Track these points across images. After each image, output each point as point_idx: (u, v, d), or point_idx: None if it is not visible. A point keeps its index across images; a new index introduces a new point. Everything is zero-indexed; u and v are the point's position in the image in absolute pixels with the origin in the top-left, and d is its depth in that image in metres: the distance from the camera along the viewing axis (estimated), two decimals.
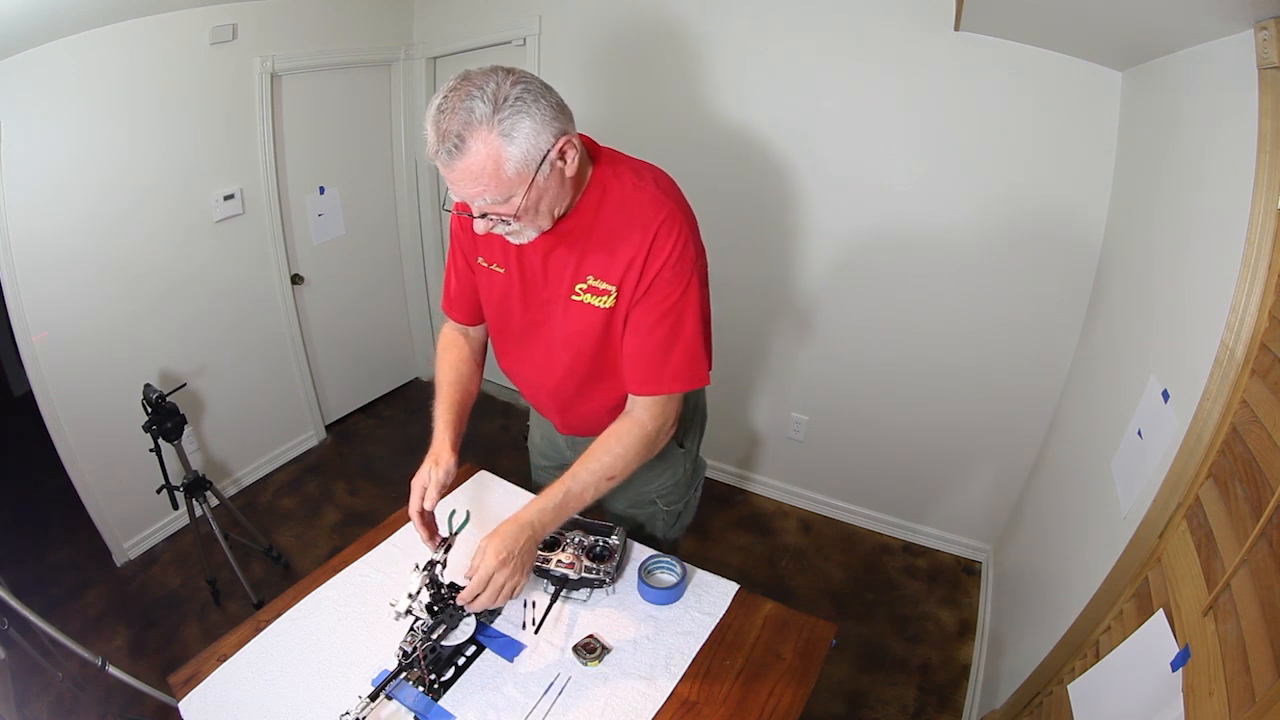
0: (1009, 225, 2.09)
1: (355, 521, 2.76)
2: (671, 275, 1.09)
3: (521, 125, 0.94)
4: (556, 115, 0.97)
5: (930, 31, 1.98)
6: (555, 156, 0.99)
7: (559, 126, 0.98)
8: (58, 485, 2.40)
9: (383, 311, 3.54)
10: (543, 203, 1.04)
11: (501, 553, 1.07)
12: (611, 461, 1.17)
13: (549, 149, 0.97)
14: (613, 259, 1.11)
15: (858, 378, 2.53)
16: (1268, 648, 0.75)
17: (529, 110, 0.94)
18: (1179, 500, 1.06)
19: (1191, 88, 1.37)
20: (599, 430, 1.30)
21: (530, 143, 0.95)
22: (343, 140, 3.05)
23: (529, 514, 1.12)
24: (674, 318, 1.12)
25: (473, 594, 1.07)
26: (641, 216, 1.08)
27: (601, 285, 1.13)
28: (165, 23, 2.27)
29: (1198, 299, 1.19)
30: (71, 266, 2.24)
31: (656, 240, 1.07)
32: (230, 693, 1.13)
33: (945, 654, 2.19)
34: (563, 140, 0.98)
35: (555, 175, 1.01)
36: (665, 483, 1.48)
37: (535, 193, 1.00)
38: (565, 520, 1.17)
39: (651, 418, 1.18)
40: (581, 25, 2.60)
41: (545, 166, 0.98)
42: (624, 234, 1.09)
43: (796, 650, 1.19)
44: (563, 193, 1.05)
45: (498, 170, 0.95)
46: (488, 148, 0.94)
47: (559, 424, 1.43)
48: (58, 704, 1.97)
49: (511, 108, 0.93)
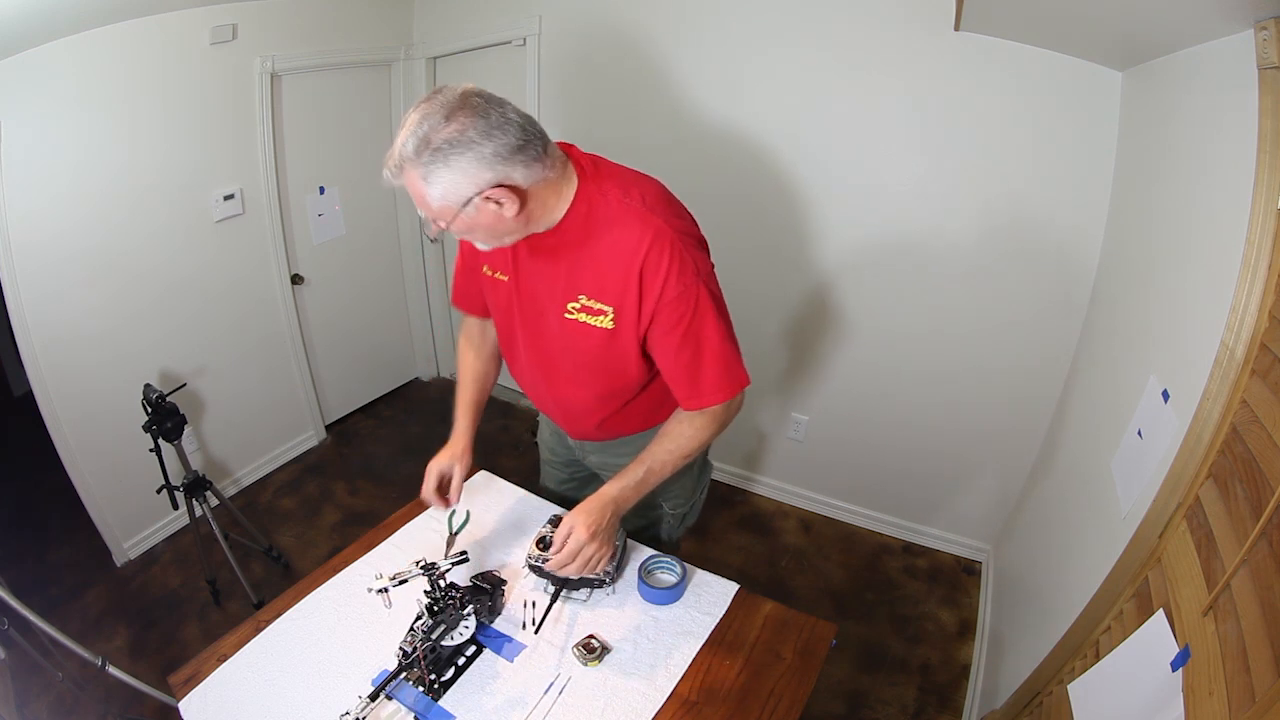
0: (1009, 225, 2.09)
1: (355, 521, 2.76)
2: (676, 295, 1.08)
3: (438, 173, 0.95)
4: (494, 164, 0.96)
5: (930, 32, 1.98)
6: (480, 201, 0.98)
7: (492, 176, 0.96)
8: (58, 485, 2.40)
9: (383, 311, 3.54)
10: (478, 232, 1.05)
11: (592, 527, 1.14)
12: (685, 442, 1.21)
13: (472, 195, 0.97)
14: (604, 280, 1.11)
15: (858, 377, 2.53)
16: (1268, 648, 0.75)
17: (449, 162, 0.94)
18: (1179, 500, 1.06)
19: (1191, 88, 1.37)
20: (608, 437, 1.38)
21: (447, 188, 0.96)
22: (343, 140, 3.05)
23: (613, 490, 1.18)
24: (694, 335, 1.12)
25: (561, 565, 1.14)
26: (628, 238, 1.07)
27: (596, 305, 1.13)
28: (165, 23, 2.27)
29: (1198, 299, 1.19)
30: (71, 267, 2.24)
31: (647, 263, 1.06)
32: (230, 693, 1.13)
33: (945, 654, 2.19)
34: (490, 190, 0.97)
35: (488, 213, 1.00)
36: (671, 488, 1.48)
37: (463, 224, 1.01)
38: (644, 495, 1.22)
39: (720, 406, 1.20)
40: (581, 25, 2.60)
41: (470, 207, 0.98)
42: (612, 255, 1.08)
43: (796, 650, 1.19)
44: (504, 226, 1.04)
45: (424, 200, 0.99)
46: (412, 182, 0.97)
47: (569, 431, 1.45)
48: (58, 704, 1.97)
49: (432, 155, 0.94)
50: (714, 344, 1.13)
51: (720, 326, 1.13)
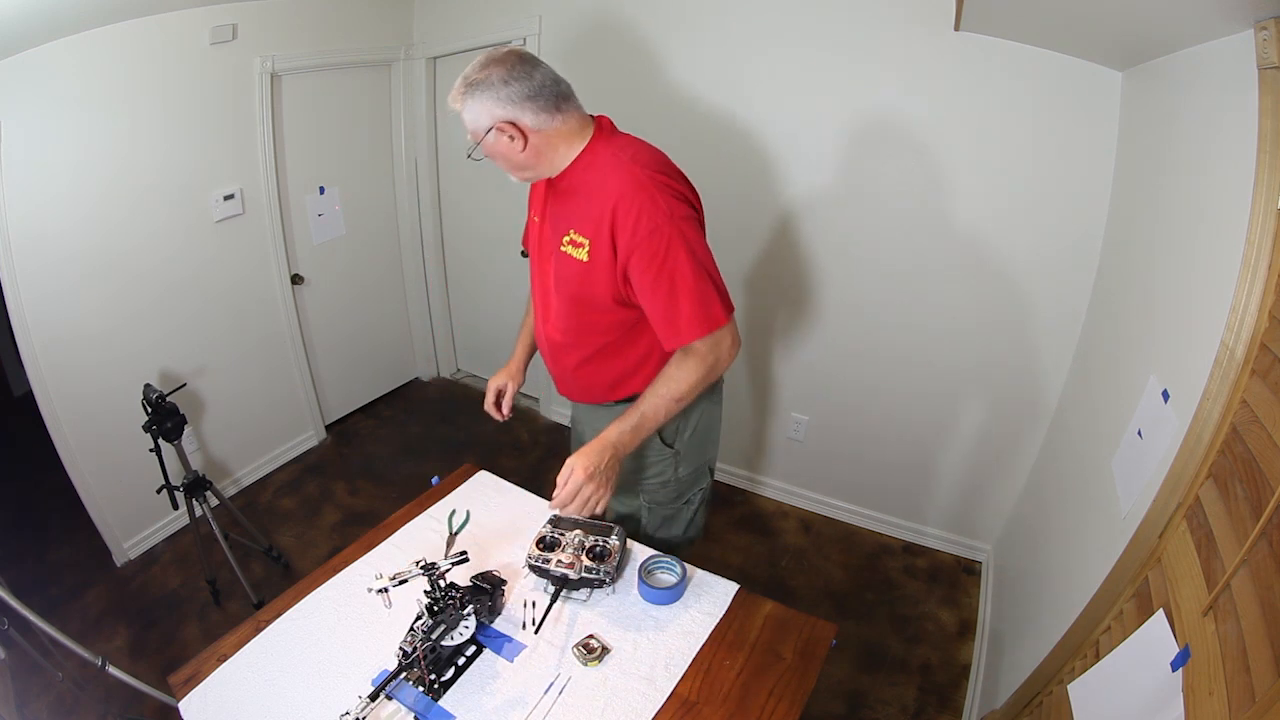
0: (1009, 225, 2.09)
1: (355, 521, 2.76)
2: (648, 233, 1.19)
3: (468, 103, 1.21)
4: (506, 104, 1.20)
5: (930, 32, 1.98)
6: (495, 131, 1.22)
7: (502, 113, 1.20)
8: (58, 485, 2.40)
9: (383, 311, 3.54)
10: (497, 158, 1.27)
11: (590, 468, 1.22)
12: (676, 386, 1.28)
13: (489, 125, 1.21)
14: (586, 217, 1.26)
15: (858, 377, 2.53)
16: (1268, 648, 0.75)
17: (475, 95, 1.20)
18: (1179, 500, 1.06)
19: (1191, 88, 1.37)
20: (588, 398, 1.51)
21: (474, 115, 1.22)
22: (343, 140, 3.05)
23: (611, 434, 1.27)
24: (668, 273, 1.20)
25: (562, 504, 1.24)
26: (610, 183, 1.22)
27: (579, 239, 1.28)
28: (165, 23, 2.28)
29: (1198, 299, 1.19)
30: (71, 267, 2.24)
31: (620, 203, 1.20)
32: (230, 693, 1.13)
33: (945, 654, 2.19)
34: (502, 123, 1.21)
35: (503, 143, 1.23)
36: (650, 476, 1.52)
37: (487, 149, 1.25)
38: (643, 440, 1.31)
39: (703, 346, 1.27)
40: (581, 25, 2.60)
41: (490, 135, 1.22)
42: (597, 197, 1.24)
43: (796, 650, 1.19)
44: (516, 159, 1.25)
45: (464, 122, 1.24)
46: (455, 107, 1.24)
47: (557, 381, 1.55)
48: (58, 704, 1.97)
49: (467, 89, 1.20)
50: (688, 282, 1.21)
51: (695, 268, 1.21)
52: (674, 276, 1.20)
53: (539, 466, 3.08)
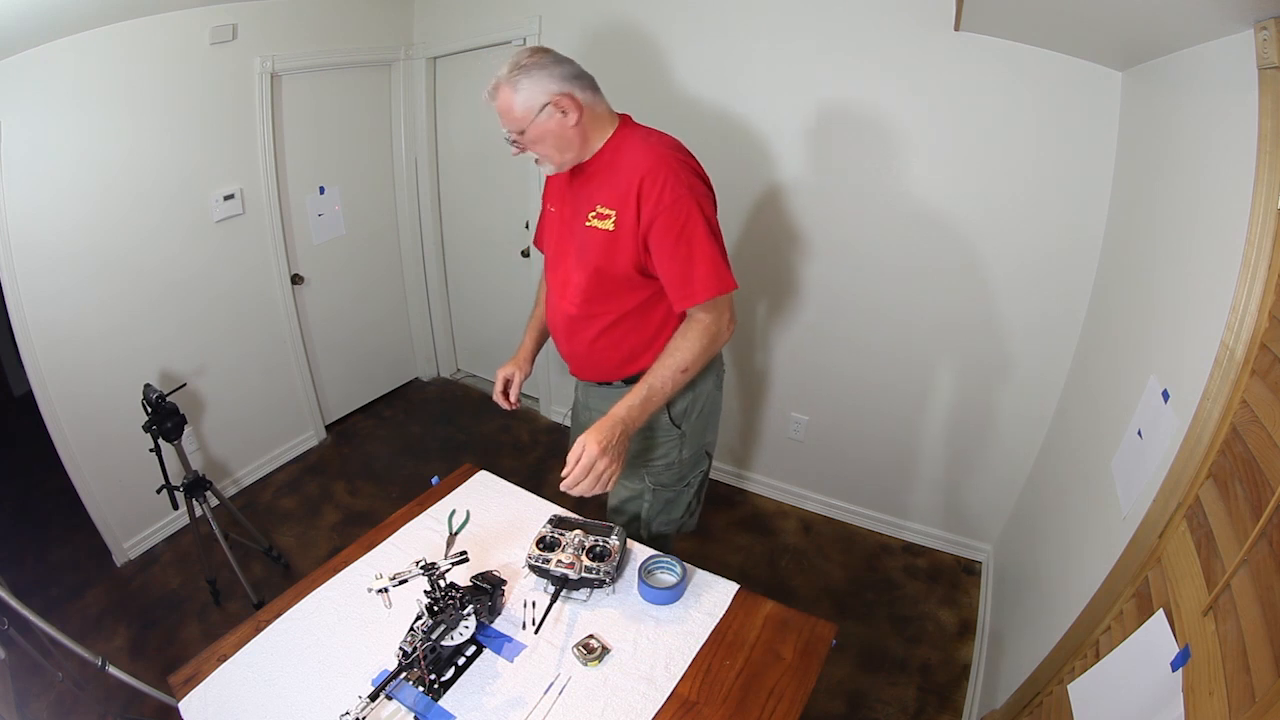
0: (1009, 225, 2.09)
1: (355, 521, 2.76)
2: (671, 202, 1.28)
3: (522, 83, 1.28)
4: (560, 81, 1.29)
5: (930, 31, 1.98)
6: (553, 107, 1.29)
7: (559, 88, 1.29)
8: (58, 485, 2.40)
9: (383, 311, 3.54)
10: (548, 140, 1.33)
11: (603, 442, 1.24)
12: (682, 356, 1.34)
13: (546, 100, 1.29)
14: (614, 191, 1.34)
15: (857, 377, 2.53)
16: (1268, 648, 0.75)
17: (530, 75, 1.28)
18: (1179, 500, 1.06)
19: (1191, 88, 1.37)
20: (599, 376, 1.56)
21: (528, 95, 1.28)
22: (343, 140, 3.05)
23: (620, 410, 1.29)
24: (686, 238, 1.30)
25: (576, 481, 1.24)
26: (638, 162, 1.32)
27: (605, 211, 1.35)
28: (165, 23, 2.28)
29: (1198, 299, 1.19)
30: (72, 266, 2.24)
31: (646, 177, 1.29)
32: (230, 693, 1.13)
33: (945, 654, 2.19)
34: (559, 96, 1.29)
35: (555, 120, 1.30)
36: (657, 458, 1.55)
37: (537, 130, 1.31)
38: (651, 414, 1.34)
39: (707, 317, 1.35)
40: (581, 25, 2.60)
41: (544, 113, 1.29)
42: (626, 172, 1.33)
43: (796, 650, 1.19)
44: (567, 136, 1.33)
45: (510, 110, 1.30)
46: (504, 95, 1.30)
47: (569, 359, 1.58)
48: (58, 704, 1.97)
49: (520, 71, 1.28)
50: (705, 248, 1.31)
51: (710, 237, 1.31)
52: (691, 242, 1.30)
53: (539, 466, 3.08)
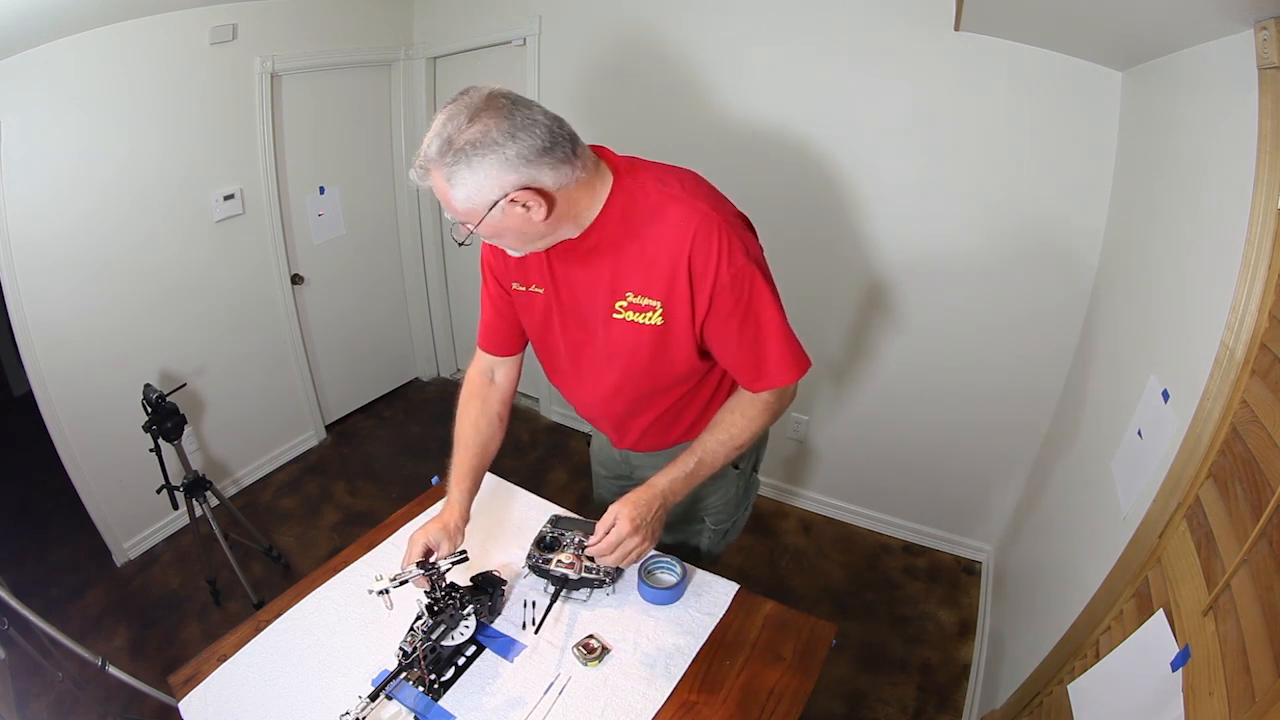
0: (1009, 225, 2.09)
1: (355, 521, 2.76)
2: (731, 279, 1.03)
3: (461, 175, 0.93)
4: (517, 167, 0.93)
5: (930, 32, 1.98)
6: (506, 203, 0.95)
7: (515, 179, 0.93)
8: (58, 485, 2.40)
9: (383, 311, 3.54)
10: (507, 235, 1.02)
11: (636, 520, 1.12)
12: (738, 432, 1.20)
13: (498, 198, 0.94)
14: (651, 273, 1.06)
15: (857, 377, 2.53)
16: (1268, 648, 0.75)
17: (471, 164, 0.92)
18: (1179, 500, 1.06)
19: (1191, 88, 1.37)
20: (656, 447, 1.36)
21: (471, 191, 0.94)
22: (343, 140, 3.05)
23: (662, 482, 1.16)
24: (754, 317, 1.09)
25: (600, 555, 1.13)
26: (673, 226, 1.03)
27: (644, 302, 1.09)
28: (165, 23, 2.27)
29: (1198, 299, 1.19)
30: (71, 266, 2.24)
31: (695, 250, 1.02)
32: (230, 693, 1.13)
33: (945, 654, 2.19)
34: (516, 192, 0.94)
35: (515, 216, 0.97)
36: (716, 502, 1.47)
37: (490, 228, 0.99)
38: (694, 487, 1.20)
39: (771, 395, 1.18)
40: (581, 26, 2.60)
41: (496, 210, 0.96)
42: (657, 246, 1.04)
43: (796, 650, 1.19)
44: (533, 230, 1.01)
45: (449, 203, 0.97)
46: (438, 184, 0.96)
47: (614, 439, 1.42)
48: (58, 704, 1.97)
49: (455, 156, 0.91)
50: (775, 325, 1.10)
51: (778, 308, 1.10)
52: (760, 321, 1.09)
53: (539, 466, 3.08)
